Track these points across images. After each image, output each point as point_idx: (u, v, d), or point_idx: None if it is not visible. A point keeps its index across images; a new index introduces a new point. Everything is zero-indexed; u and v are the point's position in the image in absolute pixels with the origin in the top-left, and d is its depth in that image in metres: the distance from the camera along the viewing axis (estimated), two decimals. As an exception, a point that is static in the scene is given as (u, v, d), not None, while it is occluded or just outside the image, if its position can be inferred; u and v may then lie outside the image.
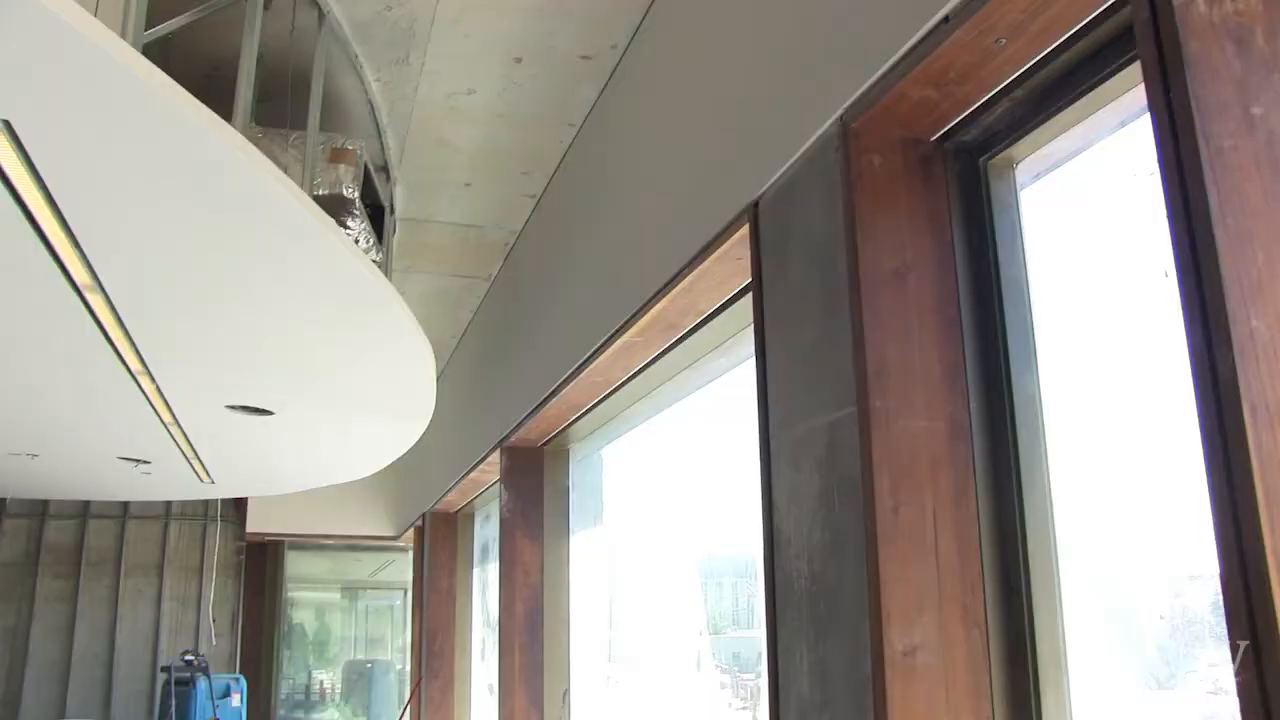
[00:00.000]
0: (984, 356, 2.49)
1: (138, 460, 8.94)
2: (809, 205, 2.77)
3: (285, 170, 4.01)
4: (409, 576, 13.47)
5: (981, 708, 2.29)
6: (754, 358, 3.05)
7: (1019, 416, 2.43)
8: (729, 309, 3.88)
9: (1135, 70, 1.98)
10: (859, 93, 2.53)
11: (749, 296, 3.22)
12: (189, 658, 11.34)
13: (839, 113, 2.61)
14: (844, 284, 2.52)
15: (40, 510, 13.40)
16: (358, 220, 5.25)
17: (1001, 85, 2.36)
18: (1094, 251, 2.47)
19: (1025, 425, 2.43)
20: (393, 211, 6.20)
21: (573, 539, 6.38)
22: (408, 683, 13.07)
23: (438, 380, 6.48)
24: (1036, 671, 2.30)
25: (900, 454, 2.37)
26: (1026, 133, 2.42)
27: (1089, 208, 2.51)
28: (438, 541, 10.61)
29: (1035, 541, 2.36)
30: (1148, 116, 1.71)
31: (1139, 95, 1.94)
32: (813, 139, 2.75)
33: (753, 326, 3.08)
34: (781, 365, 2.90)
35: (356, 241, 5.14)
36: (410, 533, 12.29)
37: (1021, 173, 2.56)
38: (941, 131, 2.57)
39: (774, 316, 2.97)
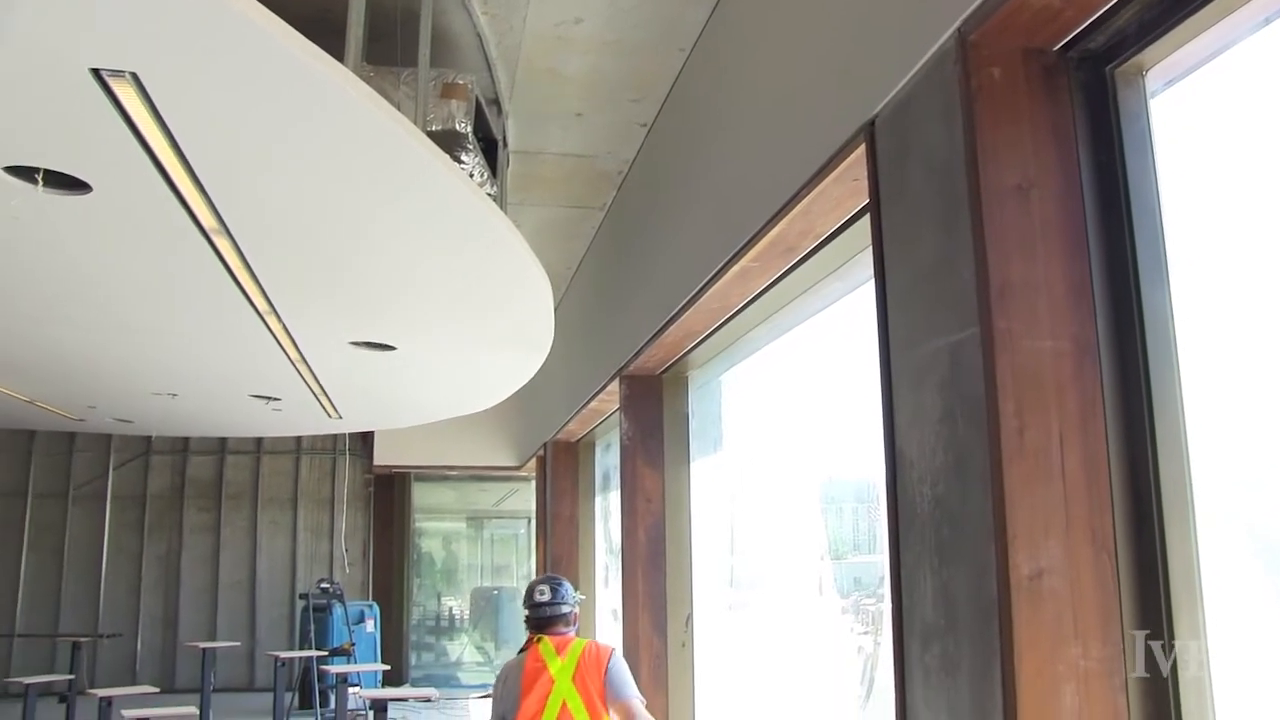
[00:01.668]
0: (1112, 274, 2.41)
1: (269, 397, 9.26)
2: (927, 122, 2.70)
3: (398, 108, 4.05)
4: (532, 505, 13.74)
5: (1111, 632, 2.25)
6: (873, 280, 3.00)
7: (1149, 335, 2.34)
8: (847, 231, 3.82)
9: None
10: (977, 2, 2.44)
11: (867, 218, 3.16)
12: (325, 585, 11.80)
13: (956, 24, 2.52)
14: (964, 202, 2.45)
15: (182, 447, 14.05)
16: (471, 155, 5.29)
17: (1130, -14, 2.25)
18: (1230, 161, 2.35)
19: (1156, 344, 2.34)
20: (505, 145, 6.23)
21: (693, 466, 6.41)
22: (534, 608, 13.35)
23: (555, 311, 6.54)
24: (1169, 596, 2.24)
25: (1025, 375, 2.32)
26: (1157, 37, 2.29)
27: (1226, 115, 2.39)
28: (560, 470, 10.78)
29: (1167, 463, 2.29)
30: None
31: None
32: (929, 53, 2.67)
33: (871, 248, 3.03)
34: (901, 286, 2.85)
35: (471, 176, 5.18)
36: (533, 462, 12.52)
37: (1152, 80, 2.43)
38: (1065, 40, 2.46)
39: (893, 237, 2.91)
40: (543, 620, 4.56)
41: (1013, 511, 2.25)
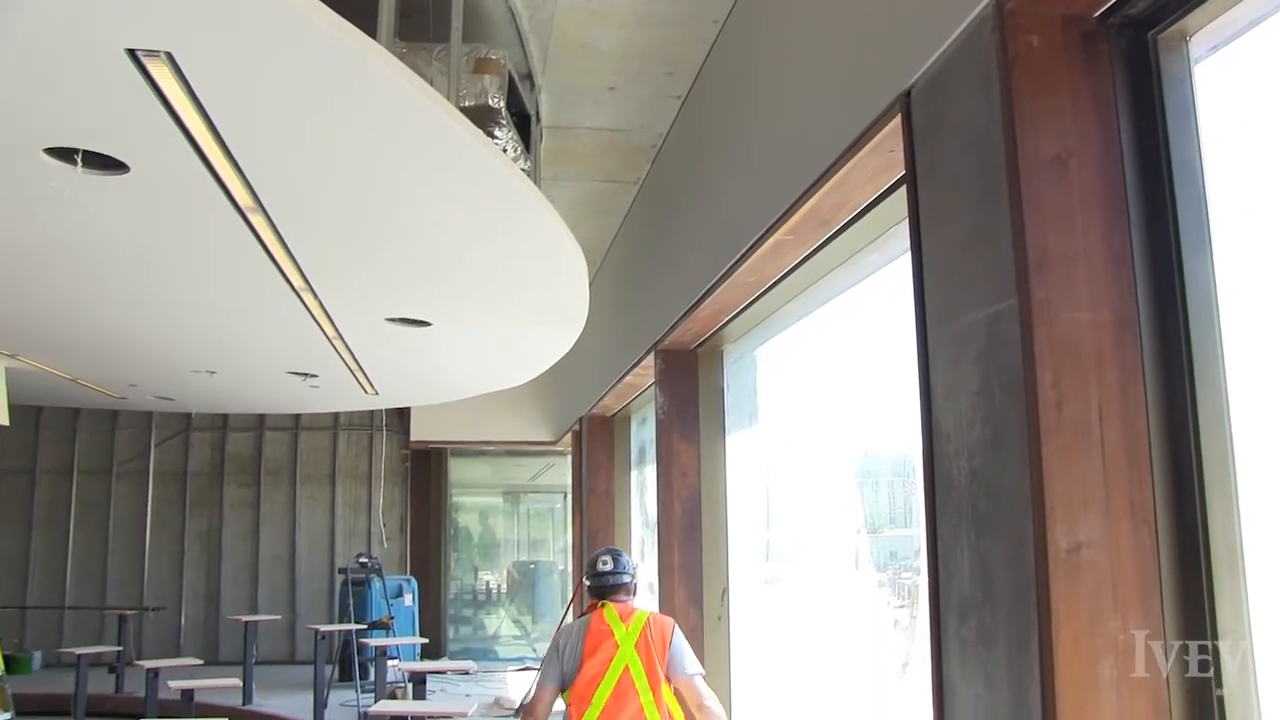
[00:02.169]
0: (1153, 245, 2.37)
1: (306, 374, 9.33)
2: (964, 92, 2.67)
3: (431, 84, 4.05)
4: (568, 480, 13.80)
5: (1150, 606, 2.23)
6: (909, 252, 2.98)
7: (1191, 306, 2.31)
8: (883, 203, 3.79)
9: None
10: (1016, -31, 2.41)
11: (903, 189, 3.14)
12: (363, 560, 11.91)
13: (994, -8, 2.48)
14: (1002, 173, 2.42)
15: (221, 424, 14.21)
16: (505, 130, 5.29)
17: (1173, -50, 2.21)
18: (1277, 128, 2.31)
19: (1198, 315, 2.31)
20: (539, 119, 6.23)
21: (728, 440, 6.41)
22: (570, 583, 13.47)
23: (590, 285, 6.54)
24: (1210, 570, 2.22)
25: (1064, 347, 2.30)
26: (1201, 1, 2.25)
27: (1272, 81, 2.34)
28: (595, 445, 10.81)
29: (1209, 436, 2.26)
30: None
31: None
32: (966, 22, 2.63)
33: (907, 220, 3.00)
34: (938, 258, 2.82)
35: (504, 151, 5.18)
36: (568, 437, 12.56)
37: (1196, 45, 2.39)
38: (1105, 6, 2.42)
39: (929, 209, 2.88)
40: (605, 588, 4.73)
41: (1051, 484, 2.24)
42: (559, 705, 4.60)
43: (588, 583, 4.90)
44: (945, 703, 2.70)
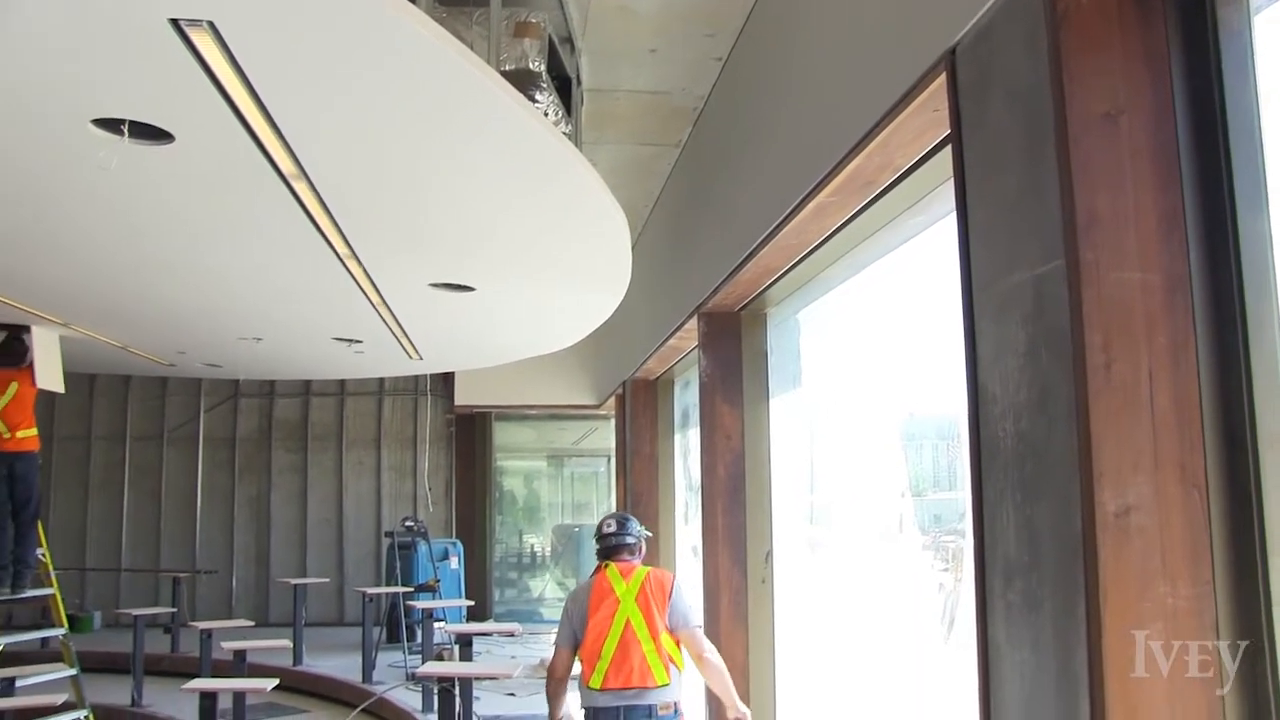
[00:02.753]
0: (1206, 203, 2.32)
1: (351, 340, 9.40)
2: (1010, 48, 2.62)
3: (471, 48, 4.04)
4: (612, 443, 13.83)
5: (1201, 572, 2.20)
6: (954, 212, 2.94)
7: (1246, 266, 2.26)
8: (927, 163, 3.74)
9: None
10: (1064, -79, 2.35)
11: (947, 149, 3.09)
12: (409, 523, 12.01)
13: (1042, -55, 2.43)
14: (1050, 131, 2.38)
15: (269, 390, 14.38)
16: (545, 93, 5.26)
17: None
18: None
19: (1253, 275, 2.25)
20: (579, 83, 6.19)
21: (772, 403, 6.40)
22: (615, 544, 13.50)
23: (632, 249, 6.53)
24: (1263, 534, 2.19)
25: (1113, 308, 2.26)
26: (1260, -51, 2.19)
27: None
28: (639, 408, 10.83)
29: (1262, 397, 2.22)
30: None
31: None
32: (1014, -24, 2.58)
33: (952, 180, 2.96)
34: (984, 219, 2.79)
35: (545, 114, 5.16)
36: (612, 401, 12.58)
37: (1256, -7, 2.32)
38: (1158, -42, 2.37)
39: (975, 168, 2.84)
40: (609, 549, 5.16)
41: (1099, 447, 2.21)
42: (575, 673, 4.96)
43: (596, 546, 5.29)
44: (990, 666, 2.69)
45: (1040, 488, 2.45)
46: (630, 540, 5.14)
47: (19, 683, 7.54)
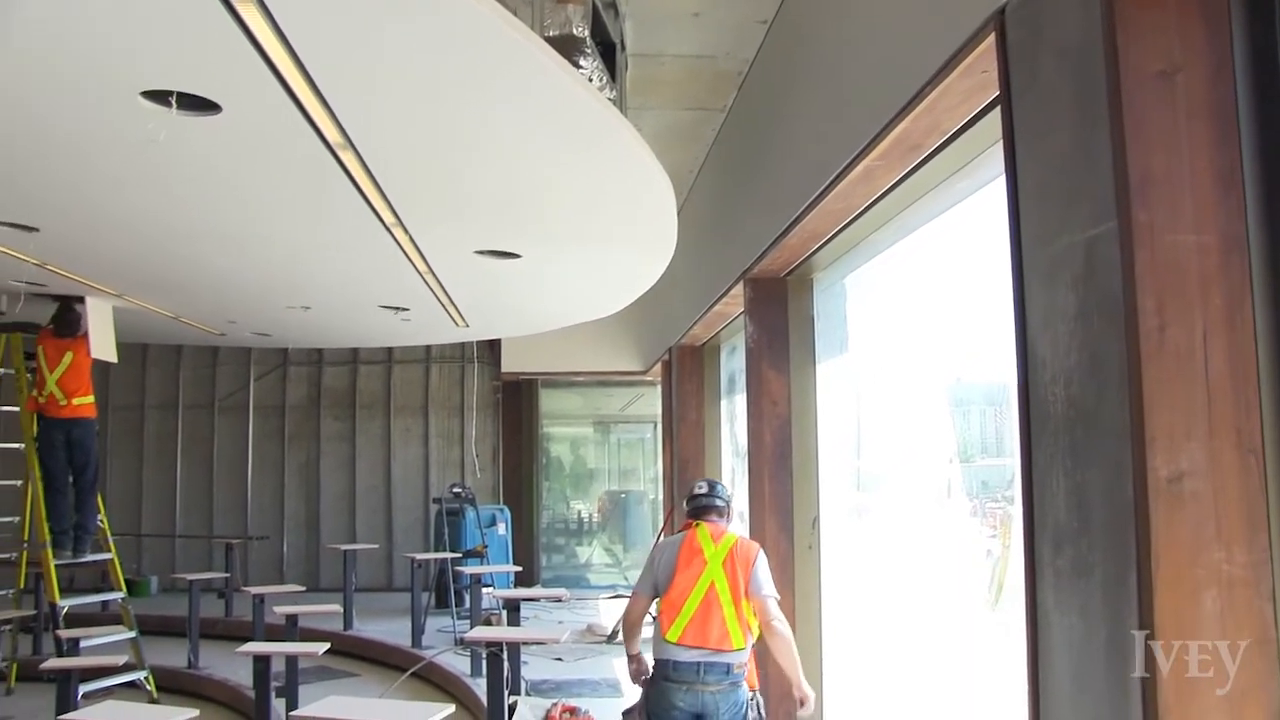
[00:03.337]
0: (1266, 163, 2.27)
1: (398, 308, 9.46)
2: (1061, 7, 2.57)
3: (514, 13, 4.02)
4: (658, 409, 13.85)
5: (1257, 539, 2.17)
6: (1002, 176, 2.90)
7: (1305, 227, 2.22)
8: (975, 126, 3.69)
9: None
10: (1118, -126, 2.29)
11: (996, 111, 3.05)
12: (457, 490, 12.12)
13: (1095, -101, 2.38)
14: (1103, 91, 2.33)
15: (317, 358, 14.53)
16: (590, 59, 5.24)
17: None
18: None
19: (1312, 236, 2.21)
20: (623, 48, 6.15)
21: (818, 368, 6.37)
22: (660, 512, 13.59)
23: (677, 215, 6.50)
24: (1321, 498, 2.16)
25: (1167, 270, 2.22)
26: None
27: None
28: (685, 374, 10.83)
29: (1322, 360, 2.18)
30: None
31: None
32: (1065, -68, 2.53)
33: (1001, 142, 2.92)
34: (1034, 181, 2.74)
35: (590, 80, 5.14)
36: (658, 367, 12.59)
37: (1317, -55, 2.26)
38: (1217, -92, 2.30)
39: (1024, 129, 2.80)
40: (699, 509, 5.28)
41: (1151, 412, 2.18)
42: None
43: (685, 506, 5.42)
44: (1039, 633, 2.67)
45: (1091, 453, 2.42)
46: (719, 503, 5.29)
47: (83, 643, 7.74)
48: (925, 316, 5.61)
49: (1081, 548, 2.46)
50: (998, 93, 2.97)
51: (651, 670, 5.07)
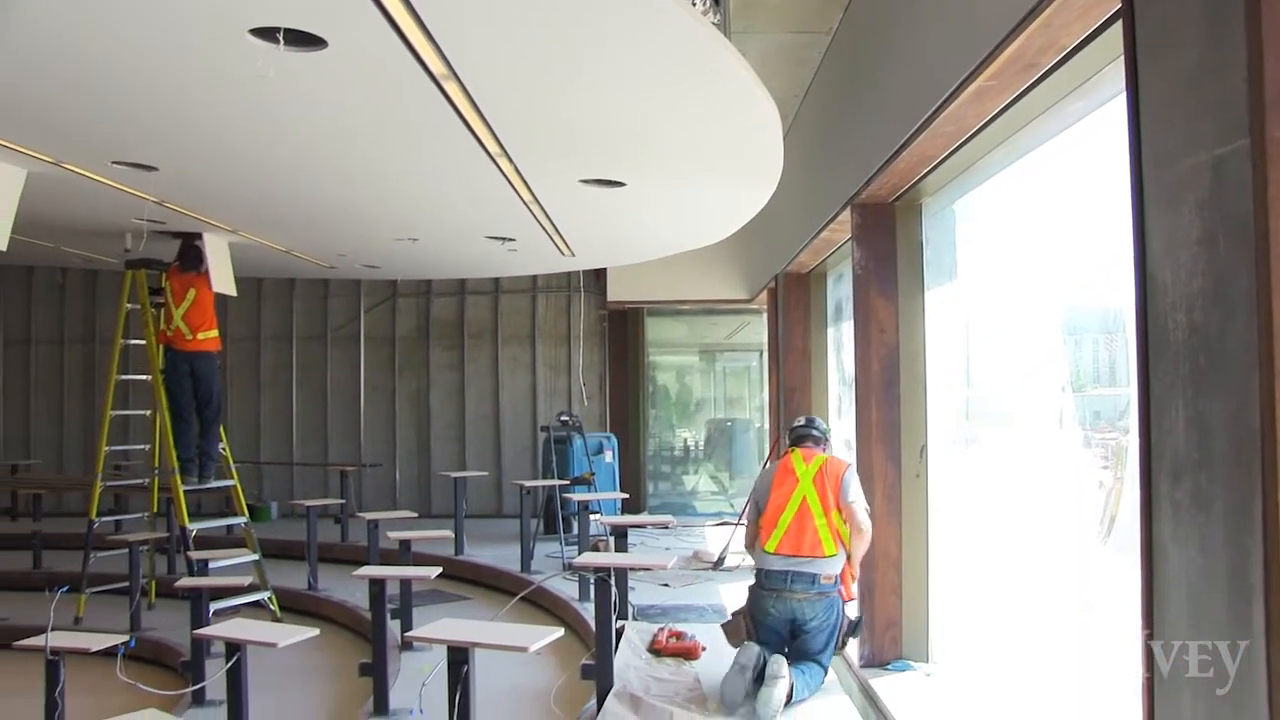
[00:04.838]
0: None
1: (504, 238, 9.53)
2: (1191, -89, 2.43)
3: (617, -63, 3.96)
4: (764, 338, 13.79)
5: (1393, 468, 2.08)
6: (1123, 94, 2.78)
7: None
8: (1093, 42, 3.53)
9: None
10: None
11: (1116, 26, 2.91)
12: (564, 418, 12.26)
13: None
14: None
15: (425, 289, 14.76)
16: (692, -18, 5.15)
17: None
18: None
19: None
20: (727, -30, 6.03)
21: (927, 295, 6.25)
22: (766, 440, 13.58)
23: (783, 140, 6.40)
24: None
25: (1301, 191, 2.11)
26: None
27: None
28: (791, 302, 10.74)
29: None
30: None
31: None
32: None
33: (1122, 59, 2.79)
34: (1156, 98, 2.62)
35: (693, 4, 5.06)
36: (764, 295, 12.50)
37: None
38: None
39: (1148, 43, 2.67)
40: (797, 438, 6.20)
41: (1282, 339, 2.09)
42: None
43: (786, 438, 6.29)
44: (1155, 566, 2.61)
45: (1214, 382, 2.33)
46: (815, 433, 6.17)
47: (211, 565, 8.10)
48: (1037, 242, 5.45)
49: (1201, 479, 2.38)
50: (1119, 6, 2.83)
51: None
